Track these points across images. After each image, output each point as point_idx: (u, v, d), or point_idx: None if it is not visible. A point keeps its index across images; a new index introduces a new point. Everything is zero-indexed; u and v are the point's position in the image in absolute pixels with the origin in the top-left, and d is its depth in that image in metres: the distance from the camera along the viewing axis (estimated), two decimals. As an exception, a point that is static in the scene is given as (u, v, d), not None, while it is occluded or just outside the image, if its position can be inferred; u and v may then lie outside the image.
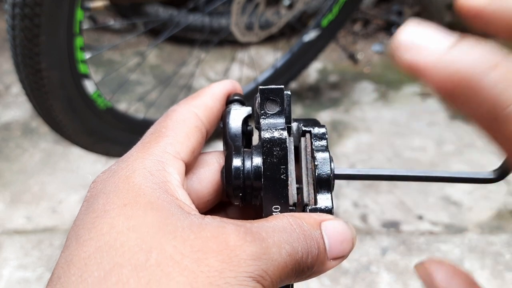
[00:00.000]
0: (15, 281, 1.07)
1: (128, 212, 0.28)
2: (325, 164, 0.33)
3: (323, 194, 0.33)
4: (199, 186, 0.35)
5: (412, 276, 1.08)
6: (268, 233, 0.28)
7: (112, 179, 0.30)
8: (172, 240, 0.26)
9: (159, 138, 0.33)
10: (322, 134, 0.34)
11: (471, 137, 1.46)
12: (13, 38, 0.88)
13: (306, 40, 1.49)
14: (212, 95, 0.37)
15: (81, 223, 0.28)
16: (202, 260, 0.26)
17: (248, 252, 0.27)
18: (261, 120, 0.33)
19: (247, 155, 0.33)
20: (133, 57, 1.80)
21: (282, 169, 0.32)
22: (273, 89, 0.33)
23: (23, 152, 1.40)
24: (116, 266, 0.25)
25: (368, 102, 1.61)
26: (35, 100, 0.96)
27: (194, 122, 0.35)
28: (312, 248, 0.29)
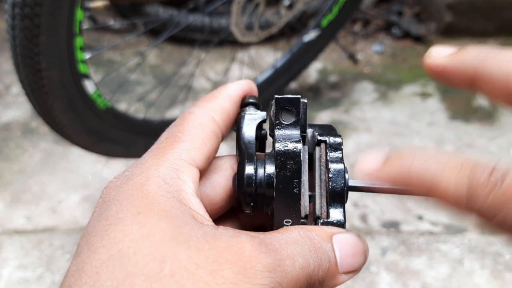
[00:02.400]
0: (15, 281, 1.07)
1: (141, 220, 0.27)
2: (339, 176, 0.32)
3: (336, 208, 0.32)
4: (212, 192, 0.34)
5: (412, 276, 1.09)
6: (281, 245, 0.28)
7: (125, 186, 0.30)
8: (186, 250, 0.26)
9: (174, 143, 0.32)
10: (337, 144, 0.33)
11: (471, 137, 1.46)
12: (13, 38, 0.88)
13: (306, 40, 1.49)
14: (228, 96, 0.36)
15: (93, 230, 0.28)
16: (217, 272, 0.25)
17: (264, 264, 0.26)
18: (275, 130, 0.32)
19: (260, 163, 0.32)
20: (133, 57, 1.80)
21: (295, 183, 0.31)
22: (289, 98, 0.33)
23: (23, 152, 1.40)
24: (129, 275, 0.25)
25: (368, 102, 1.61)
26: (35, 100, 0.96)
27: (211, 126, 0.34)
28: (323, 261, 0.29)
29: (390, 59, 1.81)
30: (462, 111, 1.56)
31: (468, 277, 1.08)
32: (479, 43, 1.85)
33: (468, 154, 1.40)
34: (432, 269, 1.10)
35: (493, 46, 0.25)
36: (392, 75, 1.74)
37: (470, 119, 1.53)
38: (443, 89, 1.66)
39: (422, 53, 1.83)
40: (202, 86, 1.68)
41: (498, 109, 1.57)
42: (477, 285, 1.06)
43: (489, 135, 1.47)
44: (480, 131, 1.48)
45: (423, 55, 0.31)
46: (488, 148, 1.42)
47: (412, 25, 1.91)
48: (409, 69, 1.76)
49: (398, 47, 1.87)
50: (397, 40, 1.90)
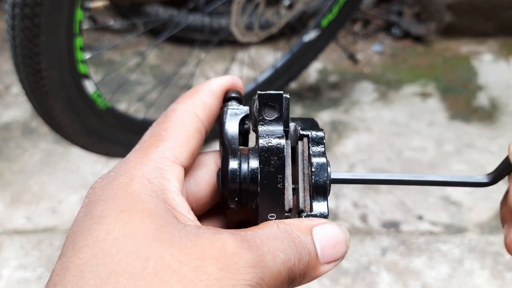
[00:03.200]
0: (15, 281, 1.07)
1: (125, 218, 0.27)
2: (322, 170, 0.32)
3: (319, 201, 0.32)
4: (197, 188, 0.34)
5: (412, 276, 1.09)
6: (263, 240, 0.28)
7: (110, 186, 0.30)
8: (170, 248, 0.26)
9: (158, 142, 0.32)
10: (319, 138, 0.34)
11: (471, 137, 1.46)
12: (13, 38, 0.88)
13: (306, 40, 1.49)
14: (210, 92, 0.36)
15: (78, 229, 0.28)
16: (201, 268, 0.25)
17: (246, 259, 0.26)
18: (259, 126, 0.33)
19: (243, 158, 0.33)
20: (133, 57, 1.80)
21: (279, 178, 0.31)
22: (272, 94, 0.33)
23: (23, 152, 1.40)
24: (112, 274, 0.25)
25: (368, 102, 1.61)
26: (35, 100, 0.96)
27: (194, 123, 0.34)
28: (303, 255, 0.29)
29: (390, 59, 1.81)
30: (462, 111, 1.56)
31: (468, 277, 1.08)
32: (479, 43, 1.85)
33: (468, 154, 1.40)
34: (432, 269, 1.10)
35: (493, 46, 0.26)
36: (392, 75, 1.74)
37: (470, 119, 1.53)
38: (443, 89, 1.66)
39: (422, 53, 1.83)
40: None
41: (498, 109, 1.57)
42: (477, 285, 1.06)
43: (489, 135, 1.47)
44: (480, 131, 1.48)
45: (423, 55, 0.31)
46: (488, 148, 1.42)
47: (412, 25, 1.91)
48: (409, 69, 1.76)
49: (398, 47, 1.87)
50: (397, 40, 1.90)
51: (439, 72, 1.74)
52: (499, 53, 1.81)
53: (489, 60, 1.78)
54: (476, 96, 1.62)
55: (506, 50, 1.82)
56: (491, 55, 1.80)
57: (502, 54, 1.80)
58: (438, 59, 1.80)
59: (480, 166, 1.36)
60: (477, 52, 1.82)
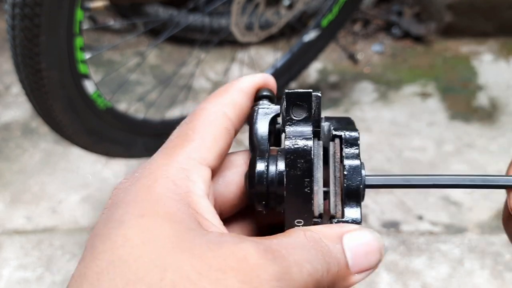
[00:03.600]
0: (15, 281, 1.07)
1: (144, 223, 0.26)
2: (355, 173, 0.30)
3: (351, 207, 0.30)
4: (226, 189, 0.33)
5: (412, 276, 1.09)
6: (288, 250, 0.26)
7: (133, 188, 0.29)
8: (189, 258, 0.25)
9: (184, 142, 0.31)
10: (353, 139, 0.31)
11: (471, 137, 1.46)
12: (13, 38, 0.88)
13: (306, 40, 1.49)
14: (241, 90, 0.34)
15: (98, 232, 0.27)
16: (221, 281, 0.24)
17: (270, 272, 0.25)
18: (286, 127, 0.31)
19: (272, 159, 0.31)
20: (133, 57, 1.80)
21: (306, 182, 0.29)
22: (300, 93, 0.31)
23: (23, 152, 1.40)
24: (129, 284, 0.24)
25: (368, 102, 1.61)
26: (35, 100, 0.96)
27: (224, 123, 0.32)
28: (331, 265, 0.27)
29: (390, 59, 1.81)
30: (462, 111, 1.56)
31: (468, 277, 1.08)
32: (479, 43, 1.85)
33: (468, 154, 1.40)
34: (432, 269, 1.10)
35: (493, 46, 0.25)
36: (392, 75, 1.73)
37: (470, 119, 1.53)
38: (443, 89, 1.66)
39: (422, 53, 1.83)
40: (202, 86, 1.68)
41: (498, 109, 1.57)
42: (477, 285, 1.06)
43: (489, 135, 1.47)
44: (480, 131, 1.48)
45: (423, 55, 0.31)
46: (488, 148, 1.42)
47: (412, 25, 1.91)
48: (409, 69, 1.76)
49: (398, 47, 1.87)
50: (397, 40, 1.90)
51: (439, 72, 1.74)
52: (499, 53, 1.81)
53: (489, 60, 1.78)
54: (476, 96, 1.62)
55: (506, 50, 1.82)
56: (491, 55, 1.80)
57: (502, 54, 1.80)
58: (438, 59, 1.80)
59: (480, 166, 1.36)
60: (477, 52, 1.82)
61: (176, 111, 1.47)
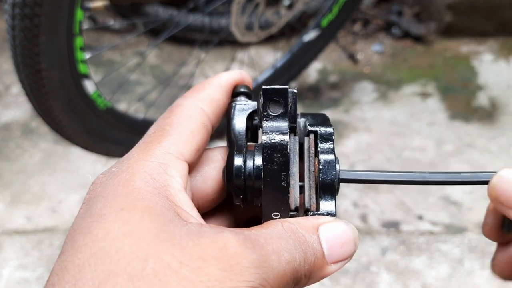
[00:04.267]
0: (15, 281, 1.07)
1: (124, 216, 0.26)
2: (330, 168, 0.31)
3: (326, 200, 0.31)
4: (203, 184, 0.33)
5: (412, 276, 1.09)
6: (267, 240, 0.27)
7: (111, 182, 0.29)
8: (170, 247, 0.25)
9: (162, 137, 0.32)
10: (328, 134, 0.32)
11: (471, 137, 1.46)
12: (13, 38, 0.88)
13: (306, 40, 1.49)
14: (218, 86, 0.35)
15: (78, 227, 0.27)
16: (202, 269, 0.25)
17: (249, 259, 0.25)
18: (263, 122, 0.32)
19: (249, 154, 0.32)
20: (133, 57, 1.80)
21: (283, 176, 0.30)
22: (277, 89, 0.32)
23: (23, 152, 1.40)
24: (111, 274, 0.24)
25: (368, 102, 1.61)
26: (35, 100, 0.96)
27: (200, 118, 0.33)
28: (308, 255, 0.28)
29: (390, 59, 1.81)
30: (462, 111, 1.56)
31: (468, 277, 1.08)
32: (479, 43, 1.85)
33: (468, 154, 1.40)
34: (432, 269, 1.10)
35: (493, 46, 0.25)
36: (392, 75, 1.73)
37: (470, 119, 1.53)
38: (443, 89, 1.66)
39: (422, 53, 1.83)
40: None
41: (498, 109, 1.57)
42: (477, 285, 1.06)
43: (489, 135, 1.47)
44: (480, 131, 1.48)
45: (423, 55, 0.31)
46: (488, 148, 1.42)
47: (412, 25, 1.91)
48: (409, 69, 1.76)
49: (398, 47, 1.87)
50: (397, 40, 1.90)
51: (439, 72, 1.74)
52: (499, 53, 1.81)
53: (489, 60, 1.78)
54: (476, 96, 1.62)
55: (506, 50, 1.82)
56: (491, 55, 1.80)
57: (502, 54, 1.80)
58: (438, 59, 1.80)
59: (480, 166, 1.36)
60: (477, 52, 1.82)
61: (176, 111, 1.47)
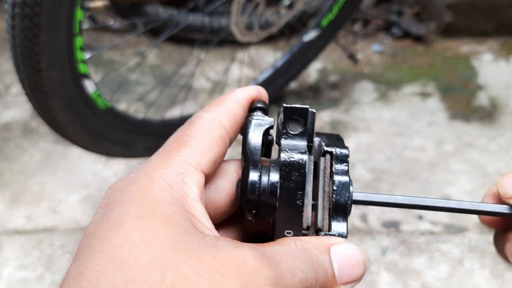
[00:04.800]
0: (15, 281, 1.07)
1: (143, 225, 0.26)
2: (344, 189, 0.31)
3: (338, 221, 0.31)
4: (217, 197, 0.34)
5: (412, 275, 1.09)
6: (282, 258, 0.28)
7: (129, 188, 0.29)
8: (188, 259, 0.25)
9: (181, 146, 0.32)
10: (344, 156, 0.33)
11: (471, 136, 1.46)
12: (13, 38, 0.88)
13: (306, 40, 1.49)
14: (236, 101, 0.36)
15: (94, 232, 0.27)
16: (220, 283, 0.25)
17: (266, 277, 0.26)
18: (282, 140, 0.32)
19: (264, 170, 0.32)
20: (133, 57, 1.80)
21: (299, 194, 0.31)
22: (297, 108, 0.32)
23: (23, 152, 1.40)
24: (130, 283, 0.24)
25: (368, 102, 1.61)
26: (35, 100, 0.96)
27: (219, 131, 0.34)
28: (320, 274, 0.29)
29: (390, 59, 1.81)
30: (462, 111, 1.56)
31: (468, 277, 1.08)
32: (479, 43, 1.85)
33: (468, 153, 1.40)
34: (432, 269, 1.10)
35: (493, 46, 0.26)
36: (392, 75, 1.73)
37: (470, 119, 1.53)
38: (443, 89, 1.66)
39: (422, 53, 1.83)
40: (202, 86, 1.68)
41: (498, 108, 1.57)
42: (477, 285, 1.06)
43: (489, 135, 1.47)
44: (480, 130, 1.48)
45: (423, 55, 0.31)
46: (488, 148, 1.42)
47: (412, 24, 1.91)
48: (409, 69, 1.76)
49: (398, 47, 1.87)
50: (397, 40, 1.90)
51: (439, 72, 1.74)
52: (499, 53, 1.81)
53: (489, 60, 1.78)
54: (476, 96, 1.62)
55: (506, 50, 1.82)
56: (491, 55, 1.80)
57: (502, 54, 1.80)
58: (438, 59, 1.80)
59: (480, 166, 1.36)
60: (477, 52, 1.82)
61: (176, 111, 1.48)
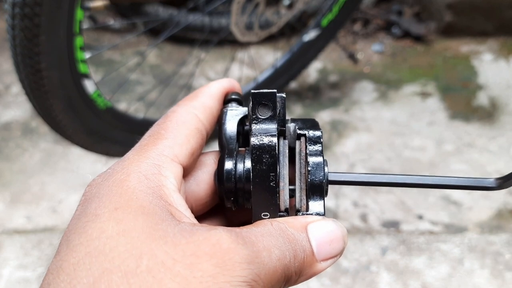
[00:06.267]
0: (15, 281, 1.07)
1: (118, 216, 0.27)
2: (318, 169, 0.32)
3: (315, 201, 0.32)
4: (197, 188, 0.34)
5: (412, 275, 1.09)
6: (257, 237, 0.28)
7: (106, 183, 0.30)
8: (163, 245, 0.26)
9: (157, 140, 0.32)
10: (317, 137, 0.33)
11: (471, 136, 1.46)
12: (13, 38, 0.88)
13: (306, 40, 1.49)
14: (210, 94, 0.37)
15: (73, 227, 0.28)
16: (195, 265, 0.25)
17: (242, 255, 0.26)
18: (252, 125, 0.33)
19: (240, 158, 0.33)
20: (133, 57, 1.80)
21: (272, 176, 0.31)
22: (265, 93, 0.33)
23: (23, 152, 1.40)
24: (105, 272, 0.24)
25: (368, 102, 1.61)
26: (35, 100, 0.96)
27: (195, 124, 0.34)
28: (298, 252, 0.29)
29: (390, 59, 1.81)
30: (462, 111, 1.56)
31: (468, 276, 1.08)
32: (479, 43, 1.85)
33: (468, 153, 1.40)
34: (432, 269, 1.10)
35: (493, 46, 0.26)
36: (392, 75, 1.73)
37: (470, 119, 1.53)
38: (443, 89, 1.66)
39: (422, 52, 1.83)
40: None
41: (498, 108, 1.57)
42: (477, 285, 1.06)
43: (489, 135, 1.47)
44: (480, 130, 1.48)
45: (423, 55, 0.32)
46: (488, 148, 1.42)
47: (412, 24, 1.91)
48: (409, 68, 1.76)
49: (398, 46, 1.87)
50: (397, 39, 1.90)
51: (439, 71, 1.74)
52: (499, 52, 1.81)
53: (489, 60, 1.78)
54: (476, 96, 1.62)
55: (506, 50, 1.82)
56: (491, 55, 1.80)
57: (502, 54, 1.80)
58: (438, 58, 1.80)
59: (480, 166, 1.36)
60: (477, 51, 1.82)
61: (176, 111, 1.47)
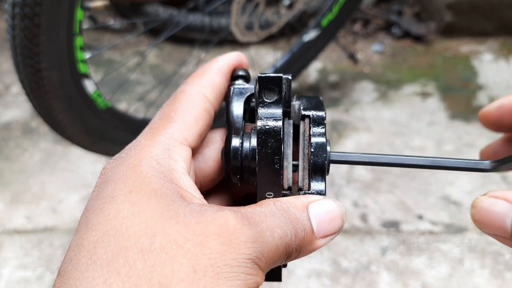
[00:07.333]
0: (15, 281, 1.07)
1: (133, 198, 0.29)
2: (321, 150, 0.33)
3: (317, 181, 0.33)
4: (204, 165, 0.36)
5: (412, 275, 1.09)
6: (261, 218, 0.30)
7: (120, 167, 0.32)
8: (175, 224, 0.28)
9: (167, 123, 0.34)
10: (320, 119, 0.34)
11: (471, 137, 1.46)
12: (13, 38, 0.88)
13: (306, 40, 1.49)
14: (218, 70, 0.37)
15: (90, 208, 0.30)
16: (204, 243, 0.27)
17: (247, 235, 0.28)
18: (259, 108, 0.33)
19: (246, 136, 0.34)
20: (133, 57, 1.80)
21: (276, 159, 0.32)
22: (271, 77, 0.33)
23: (23, 152, 1.40)
24: (123, 249, 0.27)
25: (368, 102, 1.61)
26: (35, 100, 0.96)
27: (203, 105, 0.36)
28: (298, 230, 0.31)
29: (390, 59, 1.81)
30: (462, 111, 1.56)
31: (468, 276, 1.08)
32: (479, 43, 1.85)
33: (468, 153, 1.40)
34: (432, 269, 1.10)
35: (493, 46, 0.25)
36: (392, 75, 1.73)
37: (470, 119, 1.53)
38: (443, 89, 1.66)
39: (422, 52, 1.83)
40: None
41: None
42: (477, 285, 1.06)
43: (489, 135, 1.46)
44: (480, 130, 1.48)
45: (423, 55, 0.32)
46: (488, 148, 1.42)
47: (412, 24, 1.91)
48: (409, 68, 1.76)
49: (398, 46, 1.87)
50: (397, 39, 1.90)
51: (439, 71, 1.74)
52: (499, 52, 1.81)
53: (489, 60, 1.78)
54: (476, 96, 1.62)
55: (506, 50, 1.82)
56: (491, 55, 1.80)
57: (502, 54, 1.80)
58: (438, 58, 1.80)
59: (480, 166, 1.36)
60: (477, 51, 1.82)
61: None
